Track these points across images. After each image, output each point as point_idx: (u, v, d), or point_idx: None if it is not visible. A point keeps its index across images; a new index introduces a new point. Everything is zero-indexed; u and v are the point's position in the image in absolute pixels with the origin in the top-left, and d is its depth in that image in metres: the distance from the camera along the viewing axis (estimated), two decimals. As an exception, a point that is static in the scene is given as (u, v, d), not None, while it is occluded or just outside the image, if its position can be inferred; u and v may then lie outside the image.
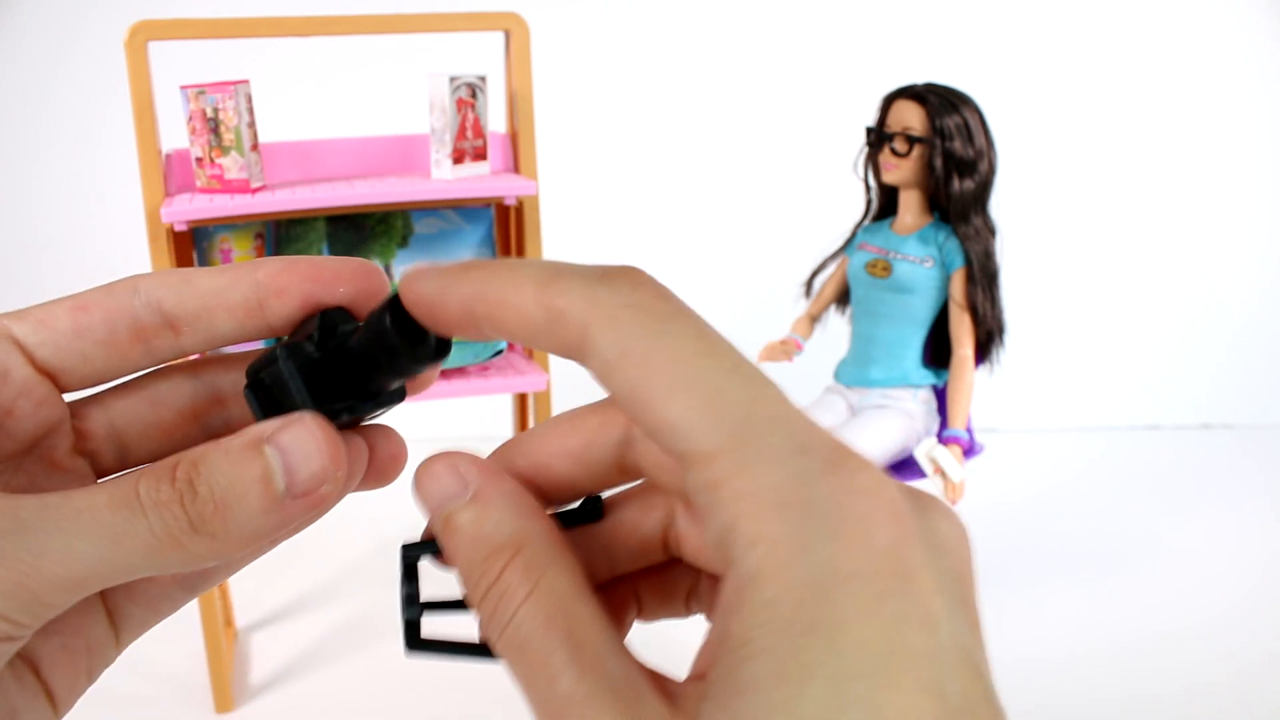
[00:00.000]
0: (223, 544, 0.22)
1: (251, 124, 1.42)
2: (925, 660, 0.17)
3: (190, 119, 1.42)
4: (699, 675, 0.21)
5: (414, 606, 0.24)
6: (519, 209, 1.60)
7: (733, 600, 0.18)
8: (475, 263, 0.22)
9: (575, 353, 0.21)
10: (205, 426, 0.27)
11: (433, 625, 0.24)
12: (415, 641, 0.24)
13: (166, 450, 0.26)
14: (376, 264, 0.26)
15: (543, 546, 0.22)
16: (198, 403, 0.27)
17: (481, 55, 1.99)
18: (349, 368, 0.25)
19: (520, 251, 1.63)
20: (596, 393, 0.22)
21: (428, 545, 0.24)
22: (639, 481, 0.25)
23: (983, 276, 1.55)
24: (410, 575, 0.25)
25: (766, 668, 0.17)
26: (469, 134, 1.53)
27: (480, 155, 1.56)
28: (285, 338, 0.26)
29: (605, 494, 0.25)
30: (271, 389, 0.25)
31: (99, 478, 0.26)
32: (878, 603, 0.17)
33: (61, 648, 0.25)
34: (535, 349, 0.23)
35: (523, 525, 0.22)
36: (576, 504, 0.25)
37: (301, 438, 0.23)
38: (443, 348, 0.25)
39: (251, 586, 1.93)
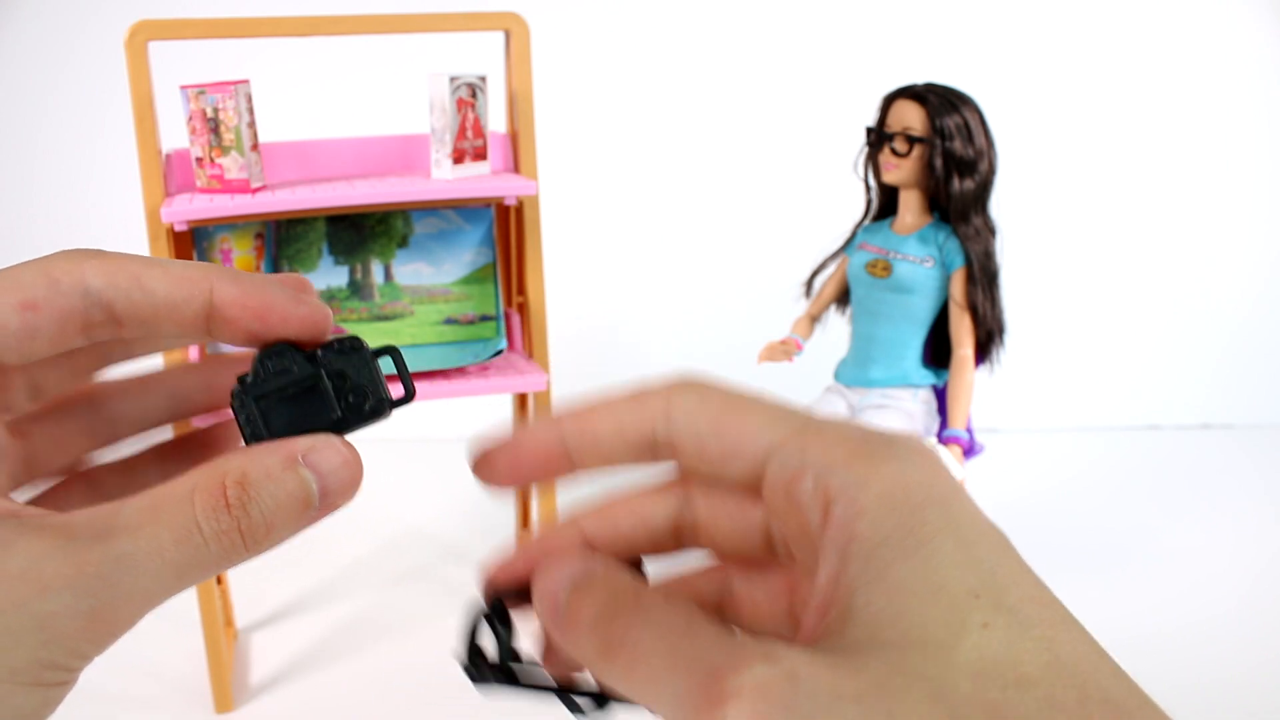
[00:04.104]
0: (263, 552, 0.25)
1: (251, 124, 1.42)
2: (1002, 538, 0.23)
3: (190, 119, 1.42)
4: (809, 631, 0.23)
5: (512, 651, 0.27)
6: (519, 209, 1.60)
7: (847, 515, 0.22)
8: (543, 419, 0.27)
9: (661, 419, 0.25)
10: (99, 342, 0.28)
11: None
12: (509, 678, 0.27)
13: (71, 377, 0.28)
14: (326, 309, 0.27)
15: (660, 587, 0.26)
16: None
17: (481, 55, 1.99)
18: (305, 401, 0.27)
19: (520, 250, 1.63)
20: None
21: (510, 593, 0.27)
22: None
23: (983, 276, 1.55)
24: (506, 621, 0.27)
25: (901, 538, 0.21)
26: (469, 134, 1.53)
27: (480, 155, 1.56)
28: (246, 378, 0.27)
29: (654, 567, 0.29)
30: (249, 422, 0.27)
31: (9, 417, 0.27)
32: (961, 495, 0.23)
33: None
34: (617, 460, 0.27)
35: (639, 578, 0.25)
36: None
37: (334, 462, 0.25)
38: (395, 403, 0.28)
39: (251, 586, 1.93)
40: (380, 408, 0.27)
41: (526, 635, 0.27)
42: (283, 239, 1.57)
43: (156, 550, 0.23)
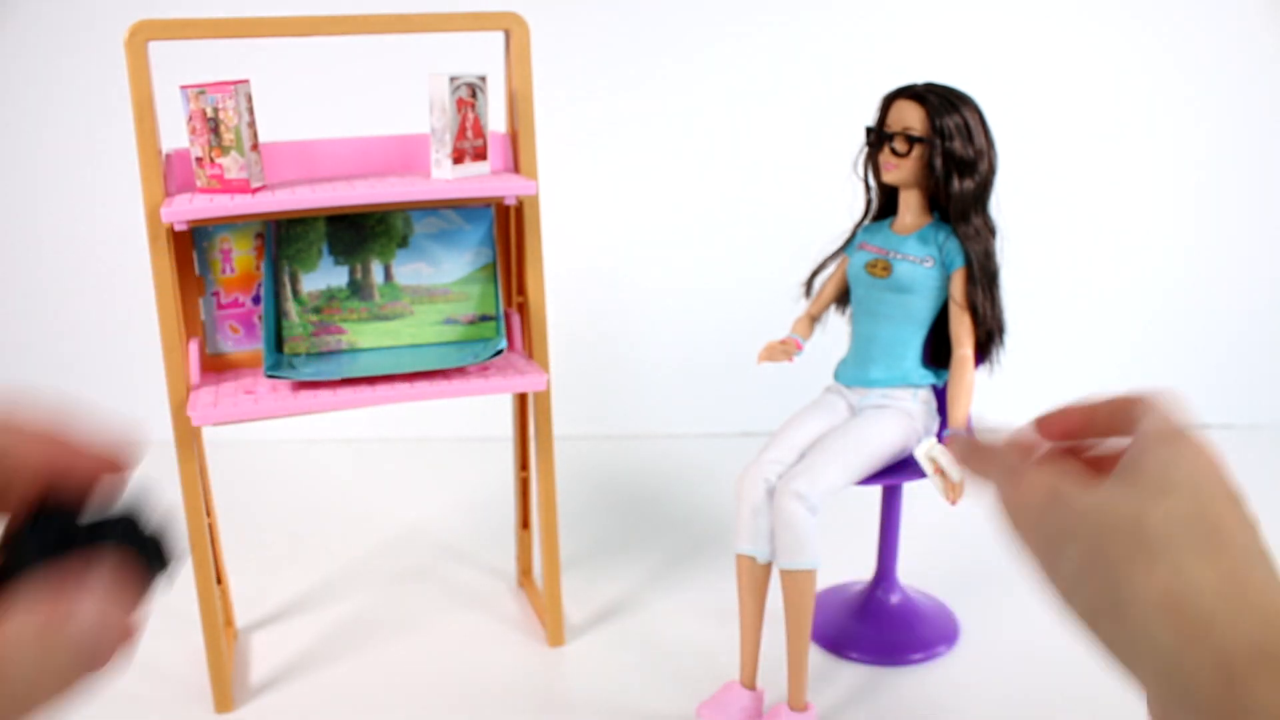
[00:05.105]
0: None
1: (251, 124, 1.42)
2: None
3: (190, 119, 1.42)
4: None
5: None
6: (519, 209, 1.60)
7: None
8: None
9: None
10: None
11: None
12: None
13: None
14: (128, 451, 0.28)
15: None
16: None
17: (481, 55, 1.99)
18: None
19: (520, 250, 1.63)
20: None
21: None
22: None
23: (983, 276, 1.55)
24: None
25: (1143, 447, 0.35)
26: (469, 134, 1.53)
27: (480, 155, 1.56)
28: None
29: None
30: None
31: None
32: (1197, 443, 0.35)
33: None
34: None
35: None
36: None
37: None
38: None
39: (251, 586, 1.93)
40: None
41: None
42: (283, 239, 1.57)
43: None
